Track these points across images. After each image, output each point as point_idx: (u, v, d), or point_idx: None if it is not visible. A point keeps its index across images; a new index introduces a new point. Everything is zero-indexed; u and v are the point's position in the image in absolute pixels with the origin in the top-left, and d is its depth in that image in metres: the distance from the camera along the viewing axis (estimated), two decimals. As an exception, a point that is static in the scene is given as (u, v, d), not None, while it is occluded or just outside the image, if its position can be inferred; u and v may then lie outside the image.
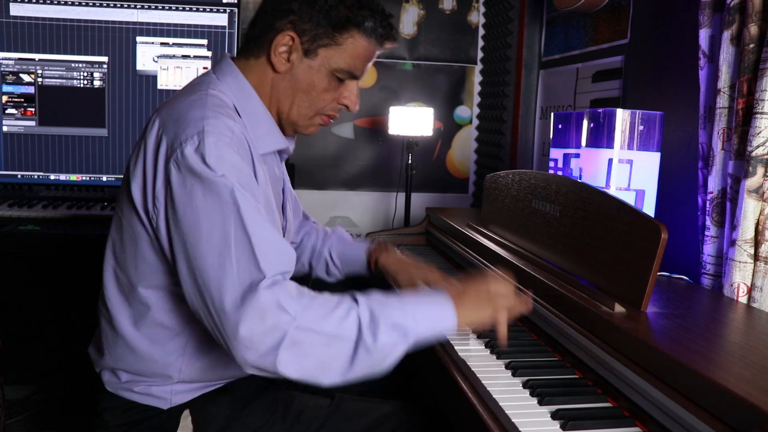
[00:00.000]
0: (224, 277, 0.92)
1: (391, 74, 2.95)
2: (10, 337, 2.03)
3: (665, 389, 0.84)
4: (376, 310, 0.96)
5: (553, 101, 2.47)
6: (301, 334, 0.91)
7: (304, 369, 0.93)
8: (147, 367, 1.12)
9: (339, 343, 0.93)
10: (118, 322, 1.11)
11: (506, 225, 1.63)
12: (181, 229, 0.97)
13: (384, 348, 0.94)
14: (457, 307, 1.02)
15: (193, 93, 1.09)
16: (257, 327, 0.90)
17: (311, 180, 2.93)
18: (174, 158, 0.98)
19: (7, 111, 2.33)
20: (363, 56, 1.15)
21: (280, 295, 0.92)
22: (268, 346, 0.90)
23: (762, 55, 1.19)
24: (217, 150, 0.98)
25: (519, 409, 0.91)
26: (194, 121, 1.00)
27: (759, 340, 0.99)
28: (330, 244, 1.53)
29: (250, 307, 0.90)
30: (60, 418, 2.34)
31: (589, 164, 1.53)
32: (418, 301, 1.01)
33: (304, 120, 1.19)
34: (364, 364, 0.94)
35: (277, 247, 0.97)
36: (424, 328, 0.99)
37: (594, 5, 2.06)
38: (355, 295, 0.99)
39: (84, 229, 2.10)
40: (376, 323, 0.94)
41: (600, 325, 1.03)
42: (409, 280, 1.39)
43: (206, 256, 0.94)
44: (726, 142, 1.31)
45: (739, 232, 1.21)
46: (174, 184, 0.98)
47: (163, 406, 1.14)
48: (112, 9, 2.35)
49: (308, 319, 0.92)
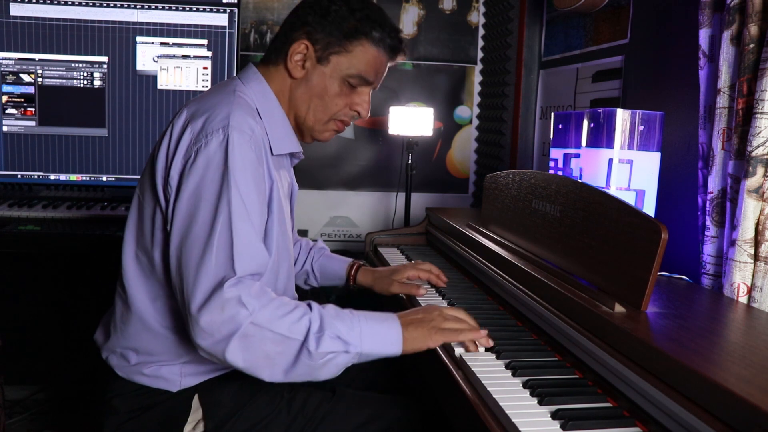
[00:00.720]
0: (202, 266, 1.02)
1: (391, 74, 2.94)
2: (10, 337, 2.03)
3: (665, 389, 0.84)
4: (326, 320, 1.05)
5: (553, 101, 2.47)
6: (254, 329, 1.00)
7: (250, 361, 1.01)
8: (159, 345, 1.17)
9: (286, 343, 1.01)
10: (135, 300, 1.17)
11: (506, 225, 1.63)
12: (180, 211, 1.06)
13: (324, 356, 1.03)
14: (404, 334, 1.09)
15: (221, 92, 1.18)
16: (217, 317, 0.99)
17: (311, 180, 2.94)
18: (197, 147, 1.07)
19: (7, 111, 2.33)
20: (372, 64, 1.24)
21: (242, 292, 1.01)
22: (222, 335, 0.99)
23: (762, 55, 1.19)
24: (239, 145, 1.07)
25: (519, 409, 0.91)
26: (222, 115, 1.10)
27: (759, 340, 0.99)
28: (313, 257, 1.64)
29: (215, 299, 1.00)
30: (60, 418, 2.34)
31: (589, 164, 1.53)
32: (369, 321, 1.09)
33: (319, 125, 1.27)
34: (304, 367, 1.03)
35: (254, 250, 1.06)
36: (369, 346, 1.06)
37: (594, 5, 2.06)
38: (312, 303, 1.08)
39: (84, 229, 2.11)
40: (322, 331, 1.03)
41: (600, 325, 1.03)
42: (389, 284, 1.52)
43: (194, 241, 1.04)
44: (726, 142, 1.31)
45: (739, 232, 1.21)
46: (188, 169, 1.07)
47: (173, 388, 1.17)
48: (112, 9, 2.35)
49: (263, 316, 1.01)
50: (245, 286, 1.02)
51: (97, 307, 1.22)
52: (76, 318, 2.48)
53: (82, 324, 1.96)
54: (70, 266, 2.51)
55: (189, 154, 1.08)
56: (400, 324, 1.11)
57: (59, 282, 2.52)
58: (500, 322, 1.32)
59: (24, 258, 2.48)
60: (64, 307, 2.51)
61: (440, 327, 1.12)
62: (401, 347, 1.09)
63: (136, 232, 1.19)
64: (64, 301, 2.51)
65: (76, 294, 2.50)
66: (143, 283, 1.17)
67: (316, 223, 2.98)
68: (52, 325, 2.52)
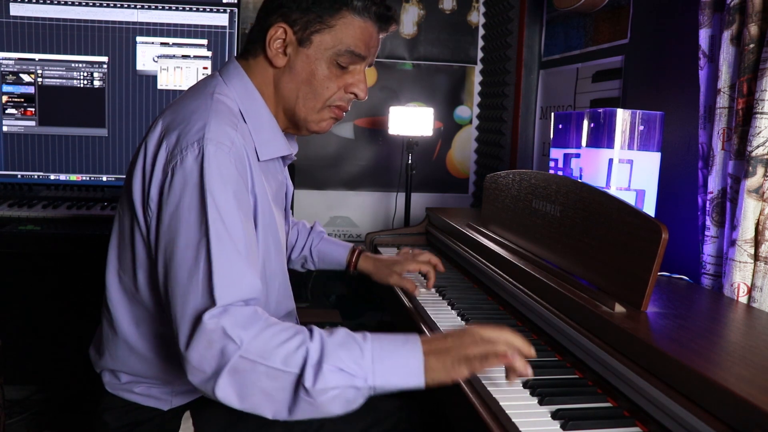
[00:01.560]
0: (186, 297, 0.93)
1: (391, 74, 2.95)
2: (10, 337, 2.03)
3: (665, 389, 0.84)
4: (328, 349, 0.90)
5: (553, 101, 2.47)
6: (245, 364, 0.89)
7: (245, 398, 0.90)
8: (147, 369, 1.12)
9: (283, 377, 0.89)
10: (120, 323, 1.12)
11: (506, 225, 1.63)
12: (162, 236, 0.98)
13: (325, 392, 0.88)
14: (427, 365, 0.91)
15: (198, 97, 1.08)
16: (205, 351, 0.89)
17: (311, 180, 2.93)
18: (173, 164, 0.98)
19: (7, 111, 2.33)
20: (360, 37, 1.12)
21: (227, 323, 0.90)
22: (210, 372, 0.89)
23: (762, 55, 1.19)
24: (216, 160, 0.97)
25: (519, 409, 0.91)
26: (197, 127, 1.00)
27: (759, 340, 0.99)
28: (311, 241, 1.59)
29: (198, 333, 0.90)
30: (60, 418, 2.34)
31: (589, 164, 1.53)
32: (384, 348, 0.92)
33: (312, 114, 1.16)
34: (304, 404, 0.89)
35: (237, 275, 0.94)
36: (383, 379, 0.90)
37: (594, 5, 2.06)
38: (314, 329, 0.94)
39: (84, 229, 2.10)
40: (320, 365, 0.88)
41: (600, 325, 1.03)
42: (388, 274, 1.51)
43: (176, 272, 0.95)
44: (726, 142, 1.31)
45: (739, 232, 1.21)
46: (167, 190, 0.98)
47: (164, 407, 1.14)
48: (112, 9, 2.35)
49: (254, 348, 0.89)
50: (230, 316, 0.91)
51: (96, 307, 1.21)
52: (75, 318, 2.48)
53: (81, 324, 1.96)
54: (70, 266, 2.51)
55: (166, 173, 0.99)
56: (422, 351, 0.92)
57: (59, 282, 2.52)
58: (500, 322, 1.32)
59: (24, 258, 2.48)
60: (64, 307, 2.51)
61: (467, 355, 0.92)
62: (423, 379, 0.91)
63: (118, 253, 1.12)
64: (64, 302, 2.51)
65: (75, 294, 2.50)
66: (126, 305, 1.11)
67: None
68: (52, 325, 2.52)
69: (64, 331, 2.50)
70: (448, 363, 0.92)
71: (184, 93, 1.15)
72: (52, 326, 2.52)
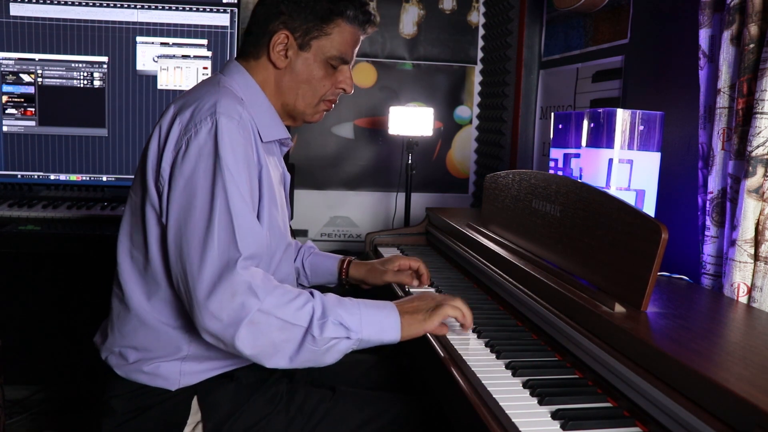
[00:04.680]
0: (205, 252, 1.04)
1: (391, 74, 2.95)
2: (10, 337, 2.03)
3: (665, 389, 0.84)
4: (328, 306, 1.08)
5: (553, 101, 2.47)
6: (261, 317, 1.02)
7: (257, 347, 1.03)
8: (157, 341, 1.16)
9: (291, 330, 1.04)
10: (131, 298, 1.17)
11: (506, 225, 1.63)
12: (176, 200, 1.07)
13: (328, 341, 1.06)
14: (402, 322, 1.13)
15: (207, 85, 1.22)
16: (227, 302, 1.01)
17: (311, 180, 2.93)
18: (188, 137, 1.09)
19: (7, 111, 2.33)
20: (350, 41, 1.27)
21: (252, 279, 1.03)
22: (231, 320, 1.01)
23: (762, 55, 1.19)
24: (227, 130, 1.09)
25: (519, 409, 0.91)
26: (209, 104, 1.12)
27: (759, 340, 0.98)
28: (302, 254, 1.63)
29: (226, 282, 1.02)
30: (60, 418, 2.34)
31: (589, 164, 1.53)
32: (369, 309, 1.11)
33: (310, 108, 1.30)
34: (308, 353, 1.05)
35: (255, 230, 1.09)
36: (369, 333, 1.09)
37: (594, 5, 2.06)
38: (314, 291, 1.11)
39: (84, 229, 2.11)
40: (325, 317, 1.06)
41: (600, 325, 1.03)
42: (382, 273, 1.54)
43: (193, 229, 1.05)
44: (726, 142, 1.31)
45: (739, 232, 1.21)
46: (180, 160, 1.08)
47: (171, 387, 1.17)
48: (112, 9, 2.35)
49: (270, 303, 1.03)
50: (254, 272, 1.04)
51: (96, 307, 1.22)
52: (76, 318, 2.48)
53: (82, 324, 1.96)
54: (70, 266, 2.51)
55: (180, 145, 1.09)
56: (397, 311, 1.13)
57: (59, 282, 2.52)
58: (500, 322, 1.32)
59: (24, 258, 2.48)
60: (64, 307, 2.51)
61: (432, 310, 1.16)
62: (399, 333, 1.12)
63: (130, 230, 1.20)
64: (64, 301, 2.51)
65: (76, 294, 2.50)
66: (138, 280, 1.17)
67: (316, 223, 2.97)
68: (52, 325, 2.52)
69: (64, 331, 2.50)
70: (419, 318, 1.15)
71: (191, 87, 1.27)
72: (52, 326, 2.52)
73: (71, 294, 2.50)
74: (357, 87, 2.91)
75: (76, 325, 2.46)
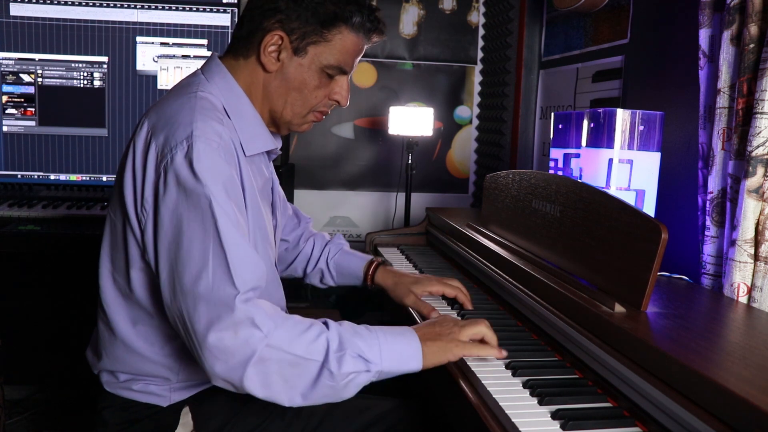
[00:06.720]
0: (200, 290, 0.95)
1: (391, 74, 2.95)
2: (10, 337, 2.03)
3: (665, 389, 0.84)
4: (345, 338, 0.99)
5: (553, 101, 2.47)
6: (270, 352, 0.94)
7: (269, 387, 0.95)
8: (146, 368, 1.13)
9: (305, 365, 0.95)
10: (116, 323, 1.12)
11: (506, 225, 1.63)
12: (164, 236, 0.98)
13: (347, 376, 0.97)
14: (424, 350, 1.04)
15: (182, 95, 1.09)
16: (229, 340, 0.92)
17: (311, 180, 2.94)
18: (164, 164, 0.99)
19: (7, 111, 2.33)
20: (352, 51, 1.15)
21: (255, 312, 0.94)
22: (238, 360, 0.93)
23: (762, 55, 1.19)
24: (206, 156, 0.99)
25: (519, 409, 0.91)
26: (183, 125, 1.01)
27: (759, 340, 0.98)
28: (328, 253, 1.54)
29: (227, 320, 0.93)
30: (60, 418, 2.34)
31: (589, 164, 1.53)
32: (387, 337, 1.02)
33: (297, 118, 1.18)
34: (325, 388, 0.97)
35: (251, 263, 0.98)
36: (389, 364, 1.01)
37: (594, 5, 2.06)
38: (328, 321, 1.02)
39: (84, 229, 2.10)
40: (343, 350, 0.97)
41: (600, 325, 1.03)
42: (405, 294, 1.41)
43: (185, 266, 0.96)
44: (726, 142, 1.31)
45: (739, 232, 1.21)
46: (162, 191, 0.99)
47: (163, 403, 1.14)
48: (112, 9, 2.35)
49: (279, 338, 0.95)
50: (256, 305, 0.96)
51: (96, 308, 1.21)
52: (75, 318, 2.48)
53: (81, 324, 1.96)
54: (70, 266, 2.50)
55: (158, 173, 1.00)
56: (418, 338, 1.04)
57: (59, 282, 2.52)
58: (500, 322, 1.32)
59: (24, 258, 2.48)
60: (64, 307, 2.51)
61: (459, 339, 1.06)
62: (422, 362, 1.03)
63: (111, 253, 1.12)
64: (64, 301, 2.51)
65: (76, 294, 2.50)
66: (123, 305, 1.11)
67: (316, 223, 2.97)
68: (52, 325, 2.51)
69: (64, 331, 2.50)
70: (441, 346, 1.05)
71: (167, 92, 1.16)
72: (52, 326, 2.52)
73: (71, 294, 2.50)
74: (357, 87, 2.91)
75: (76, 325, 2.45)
